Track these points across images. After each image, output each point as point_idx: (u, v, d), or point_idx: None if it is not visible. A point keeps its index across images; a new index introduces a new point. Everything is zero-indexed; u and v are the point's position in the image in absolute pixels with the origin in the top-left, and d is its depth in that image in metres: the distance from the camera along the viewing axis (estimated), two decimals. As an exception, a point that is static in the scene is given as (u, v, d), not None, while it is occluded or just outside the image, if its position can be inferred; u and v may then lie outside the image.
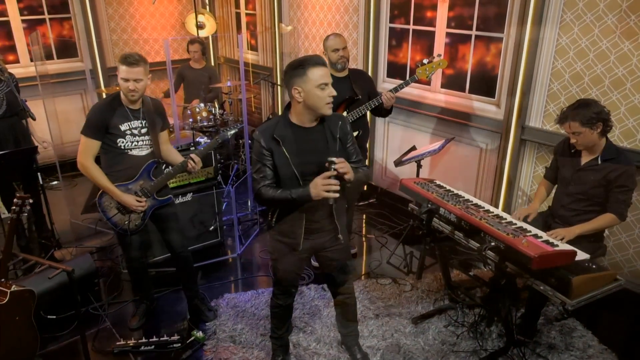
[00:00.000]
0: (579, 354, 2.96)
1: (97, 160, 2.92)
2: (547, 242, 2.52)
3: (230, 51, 6.92)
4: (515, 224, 2.73)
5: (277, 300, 2.68)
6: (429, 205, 2.91)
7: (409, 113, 4.49)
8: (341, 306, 2.81)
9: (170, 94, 4.30)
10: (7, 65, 4.10)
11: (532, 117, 3.62)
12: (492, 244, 2.49)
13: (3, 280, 2.63)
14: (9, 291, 2.60)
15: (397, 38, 4.51)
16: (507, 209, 3.92)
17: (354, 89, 3.55)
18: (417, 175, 3.88)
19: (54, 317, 3.26)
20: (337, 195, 2.18)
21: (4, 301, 2.58)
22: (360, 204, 4.94)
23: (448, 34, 4.07)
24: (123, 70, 2.69)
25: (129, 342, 3.05)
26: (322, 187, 2.15)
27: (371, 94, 3.56)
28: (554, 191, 3.10)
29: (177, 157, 3.09)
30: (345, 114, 3.54)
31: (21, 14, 5.51)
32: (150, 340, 3.05)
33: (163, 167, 3.14)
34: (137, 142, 2.87)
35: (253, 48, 6.49)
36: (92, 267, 3.53)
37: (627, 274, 3.37)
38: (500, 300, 2.71)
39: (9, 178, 4.06)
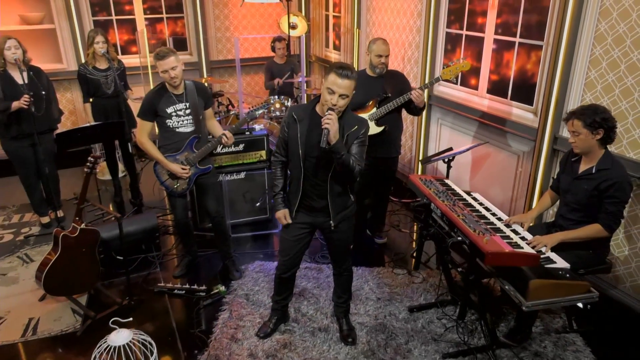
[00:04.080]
0: (564, 365, 2.94)
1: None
2: (514, 244, 2.60)
3: (320, 50, 7.45)
4: (495, 224, 2.82)
5: (277, 270, 3.09)
6: (424, 200, 3.12)
7: (455, 115, 4.59)
8: (337, 278, 3.16)
9: (238, 86, 4.92)
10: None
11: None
12: (459, 238, 2.65)
13: (77, 218, 3.43)
14: (79, 227, 3.39)
15: (452, 43, 4.62)
16: (539, 218, 3.87)
17: (385, 87, 3.82)
18: (447, 174, 4.02)
19: (121, 258, 4.07)
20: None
21: (75, 234, 3.37)
22: (406, 200, 5.15)
23: (495, 40, 4.11)
24: (159, 65, 3.28)
25: (167, 285, 3.73)
26: (281, 220, 2.89)
27: (403, 93, 3.79)
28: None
29: (218, 130, 3.64)
30: (375, 109, 3.83)
31: (144, 13, 6.62)
32: (183, 286, 3.69)
33: (208, 139, 3.73)
34: (182, 121, 3.48)
35: (337, 48, 6.94)
36: (154, 223, 4.28)
37: (629, 288, 3.26)
38: (467, 295, 2.83)
39: (111, 148, 5.07)
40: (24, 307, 3.54)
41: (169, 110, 3.43)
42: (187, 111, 3.47)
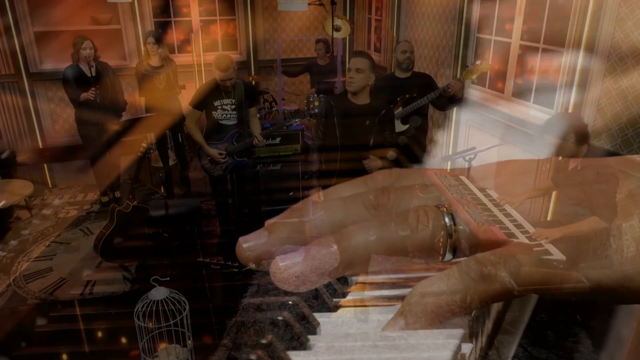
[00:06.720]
0: (562, 353, 3.12)
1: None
2: (510, 234, 2.82)
3: (362, 52, 7.74)
4: (497, 217, 3.04)
5: None
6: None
7: (483, 117, 4.78)
8: None
9: (278, 85, 5.31)
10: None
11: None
12: (461, 227, 2.90)
13: (130, 196, 3.93)
14: (132, 204, 3.90)
15: (482, 47, 4.81)
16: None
17: (411, 88, 4.10)
18: (468, 172, 4.23)
19: (167, 234, 4.56)
20: None
21: (129, 210, 3.87)
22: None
23: (521, 46, 4.28)
24: (218, 74, 3.76)
25: (205, 259, 4.18)
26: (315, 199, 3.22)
27: (429, 94, 4.05)
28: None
29: (256, 129, 4.08)
30: (401, 109, 4.12)
31: (200, 15, 7.17)
32: (219, 261, 4.13)
33: (248, 134, 4.16)
34: (226, 115, 3.93)
35: (377, 50, 7.22)
36: (197, 205, 4.76)
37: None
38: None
39: (163, 138, 5.61)
40: (84, 271, 4.09)
41: (216, 103, 3.88)
42: (233, 107, 3.91)
